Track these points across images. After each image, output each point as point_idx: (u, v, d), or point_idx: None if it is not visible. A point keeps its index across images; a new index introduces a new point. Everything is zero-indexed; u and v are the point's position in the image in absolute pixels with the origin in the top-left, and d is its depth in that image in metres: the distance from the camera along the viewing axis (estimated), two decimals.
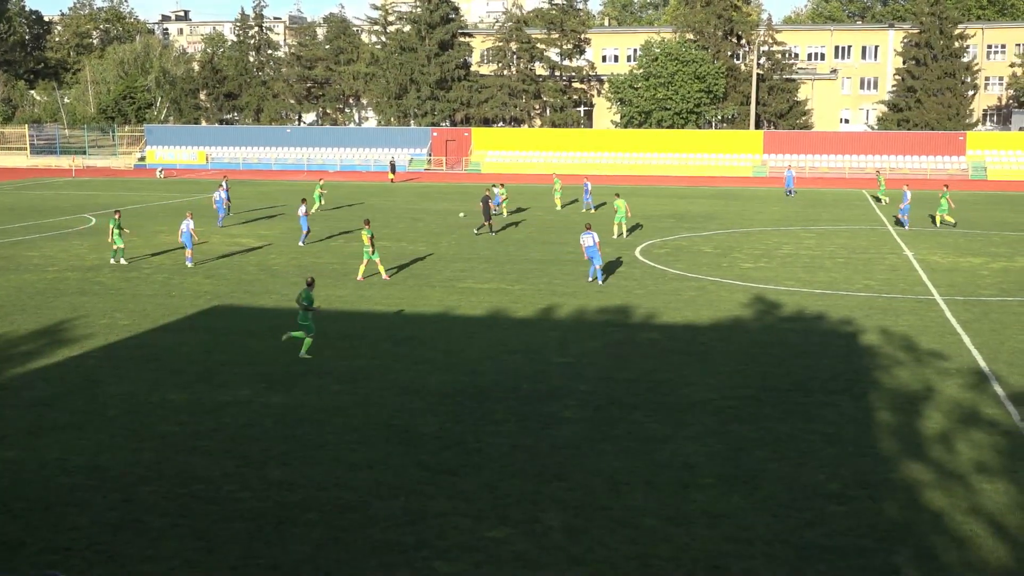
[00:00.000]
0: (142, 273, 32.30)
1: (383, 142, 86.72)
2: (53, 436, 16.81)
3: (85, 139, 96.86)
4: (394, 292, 29.20)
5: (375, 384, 19.82)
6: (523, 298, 28.36)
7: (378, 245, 38.28)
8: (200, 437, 16.77)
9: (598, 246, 30.55)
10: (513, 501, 14.09)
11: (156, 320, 25.56)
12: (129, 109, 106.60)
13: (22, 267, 33.37)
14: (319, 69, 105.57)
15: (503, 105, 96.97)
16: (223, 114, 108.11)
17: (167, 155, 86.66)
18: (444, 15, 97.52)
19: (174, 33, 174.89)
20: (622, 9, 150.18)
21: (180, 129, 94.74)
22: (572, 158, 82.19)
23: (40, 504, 14.02)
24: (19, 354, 22.20)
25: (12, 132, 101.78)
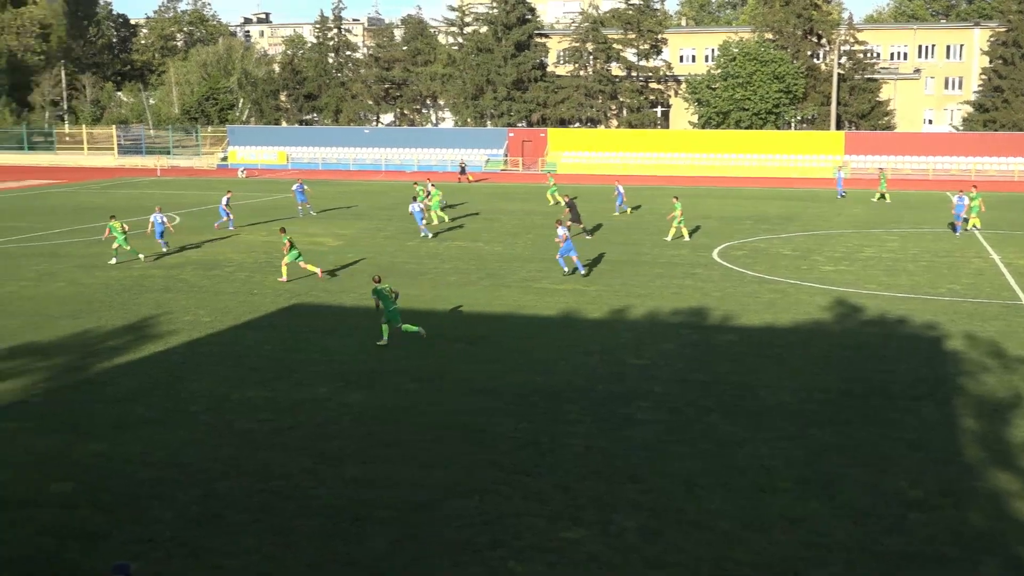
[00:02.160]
0: (224, 271, 32.86)
1: (459, 143, 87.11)
2: (137, 431, 17.19)
3: (170, 139, 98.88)
4: (470, 292, 29.31)
5: (450, 383, 19.91)
6: (598, 299, 28.27)
7: (455, 245, 38.50)
8: (279, 434, 17.01)
9: (569, 240, 31.40)
10: (587, 502, 14.05)
11: (238, 317, 25.99)
12: (212, 110, 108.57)
13: (109, 265, 34.15)
14: (397, 70, 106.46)
15: (579, 106, 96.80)
16: (303, 115, 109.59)
17: (248, 155, 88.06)
18: (521, 16, 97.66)
19: (255, 35, 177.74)
20: (699, 9, 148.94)
21: (261, 130, 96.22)
22: (648, 159, 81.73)
23: (125, 497, 14.34)
24: (105, 349, 22.74)
25: (100, 133, 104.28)
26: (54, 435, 16.93)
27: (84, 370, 21.05)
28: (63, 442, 16.59)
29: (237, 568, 12.24)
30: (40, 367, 21.26)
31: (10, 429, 17.23)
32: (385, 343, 22.87)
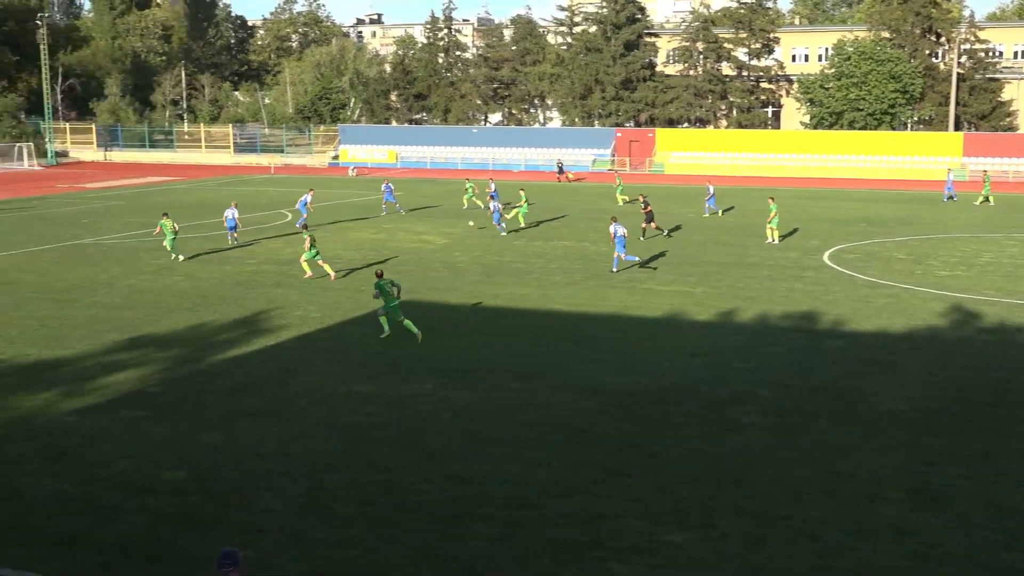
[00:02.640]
0: (334, 268, 33.42)
1: (567, 143, 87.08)
2: (249, 422, 17.63)
3: (283, 138, 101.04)
4: (575, 292, 29.29)
5: (553, 382, 19.93)
6: (705, 301, 27.97)
7: (561, 245, 38.49)
8: (384, 428, 17.25)
9: (624, 237, 32.20)
10: (691, 506, 13.92)
11: (346, 313, 26.44)
12: (324, 109, 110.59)
13: (223, 259, 35.11)
14: (505, 70, 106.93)
15: (688, 106, 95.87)
16: (412, 114, 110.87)
17: (359, 154, 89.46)
18: (630, 15, 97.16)
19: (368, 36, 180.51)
20: (813, 7, 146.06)
21: (372, 129, 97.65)
22: (758, 160, 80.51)
23: (236, 487, 14.72)
24: (219, 342, 23.37)
25: (218, 131, 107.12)
26: (169, 424, 17.47)
27: (198, 362, 21.67)
28: (177, 431, 17.11)
29: (341, 559, 12.46)
30: (157, 358, 21.96)
31: (129, 418, 17.84)
32: (388, 335, 23.34)
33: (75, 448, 16.27)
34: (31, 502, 14.14)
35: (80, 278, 31.57)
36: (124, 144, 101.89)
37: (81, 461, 15.70)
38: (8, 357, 21.96)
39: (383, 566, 12.30)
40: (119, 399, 18.93)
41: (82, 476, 15.08)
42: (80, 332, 24.27)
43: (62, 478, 15.01)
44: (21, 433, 17.02)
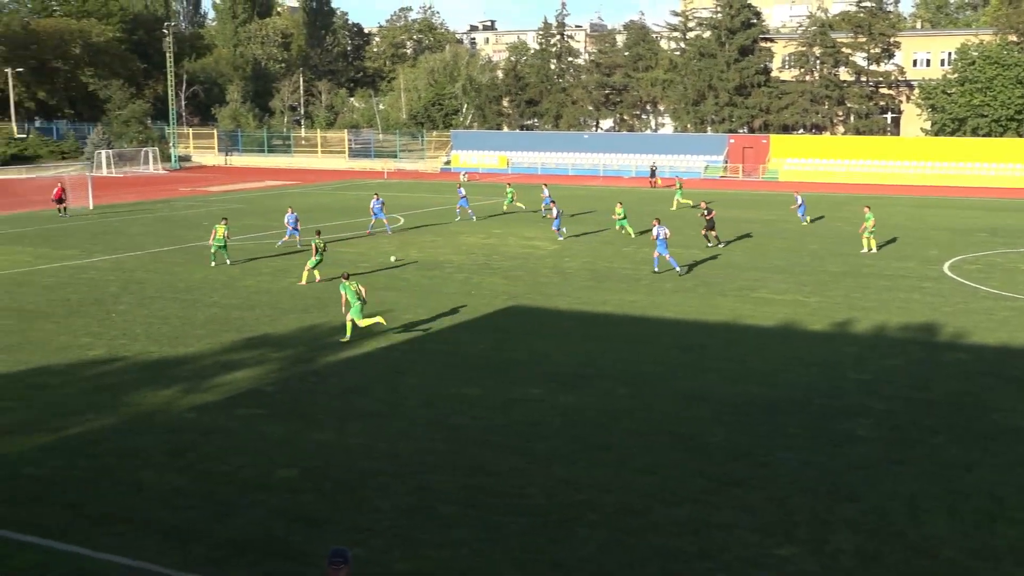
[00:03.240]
0: (444, 272, 33.79)
1: (678, 149, 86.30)
2: (359, 422, 17.91)
3: (397, 143, 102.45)
4: (684, 299, 29.00)
5: (662, 390, 19.76)
6: (819, 311, 27.40)
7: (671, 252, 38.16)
8: (491, 432, 17.33)
9: (666, 239, 32.96)
10: (802, 519, 13.64)
11: (456, 317, 26.66)
12: (437, 115, 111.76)
13: (338, 262, 35.72)
14: (618, 76, 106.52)
15: (804, 111, 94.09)
16: (524, 120, 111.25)
17: (471, 159, 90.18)
18: (745, 20, 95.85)
19: (481, 42, 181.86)
20: (936, 11, 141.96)
21: (483, 134, 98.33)
22: (876, 167, 78.56)
23: (346, 486, 14.96)
24: (332, 343, 23.80)
25: (333, 136, 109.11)
26: (283, 423, 17.86)
27: (312, 362, 22.10)
28: (291, 430, 17.48)
29: (447, 560, 12.55)
30: (273, 358, 22.48)
31: (245, 416, 18.29)
32: (347, 339, 23.63)
33: (194, 444, 16.75)
34: (152, 495, 14.60)
35: (200, 279, 32.51)
36: (244, 149, 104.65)
37: (199, 457, 16.16)
38: (133, 354, 22.74)
39: (489, 569, 12.35)
40: (236, 397, 19.42)
41: (199, 471, 15.52)
42: (200, 331, 24.99)
43: (181, 473, 15.47)
44: (144, 428, 17.60)
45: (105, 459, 16.06)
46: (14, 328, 25.38)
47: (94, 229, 46.20)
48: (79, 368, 21.63)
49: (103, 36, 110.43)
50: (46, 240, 42.19)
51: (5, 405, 18.96)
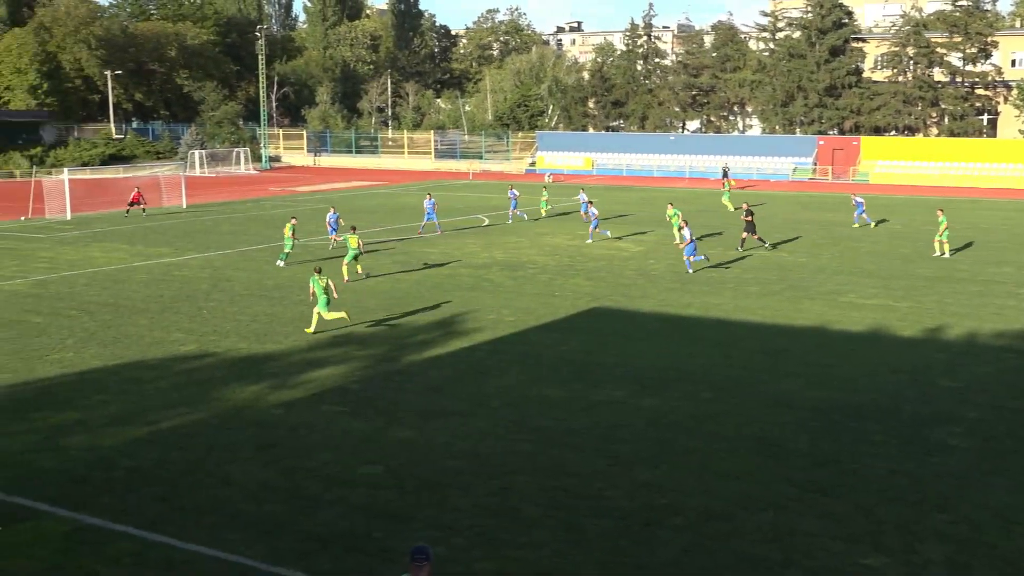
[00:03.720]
0: (528, 273, 33.85)
1: (766, 150, 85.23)
2: (442, 421, 18.04)
3: (482, 144, 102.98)
4: (770, 302, 28.63)
5: (746, 394, 19.54)
6: (909, 316, 26.83)
7: (756, 254, 37.70)
8: (574, 433, 17.32)
9: (693, 240, 33.95)
10: (890, 528, 13.37)
11: (539, 318, 26.70)
12: (523, 116, 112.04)
13: (422, 261, 36.06)
14: (705, 77, 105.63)
15: (896, 113, 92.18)
16: (609, 121, 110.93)
17: (556, 160, 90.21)
18: (837, 20, 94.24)
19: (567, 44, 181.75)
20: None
21: (568, 136, 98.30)
22: (972, 170, 76.59)
23: (428, 483, 15.08)
24: (416, 342, 24.02)
25: (420, 137, 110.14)
26: (367, 420, 18.08)
27: (396, 360, 22.33)
28: (375, 427, 17.68)
29: (529, 560, 12.58)
30: (358, 356, 22.76)
31: (330, 412, 18.56)
32: (312, 330, 24.57)
33: (280, 439, 17.05)
34: (239, 489, 14.90)
35: (287, 277, 33.06)
36: (332, 149, 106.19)
37: (285, 452, 16.44)
38: (222, 350, 23.23)
39: (570, 570, 12.34)
40: (322, 394, 19.72)
41: (285, 466, 15.79)
42: (287, 328, 25.42)
43: (268, 467, 15.76)
44: (233, 423, 17.97)
45: (196, 452, 16.44)
46: (111, 323, 26.12)
47: (186, 228, 47.30)
48: (172, 363, 22.18)
49: (198, 39, 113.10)
50: (142, 238, 43.32)
51: (102, 398, 19.52)
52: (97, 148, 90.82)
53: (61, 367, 21.80)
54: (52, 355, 22.81)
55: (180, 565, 12.51)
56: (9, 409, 18.44)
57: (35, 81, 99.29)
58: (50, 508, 14.15)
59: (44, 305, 28.53)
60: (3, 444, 15.35)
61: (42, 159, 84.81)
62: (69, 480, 15.23)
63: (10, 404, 18.83)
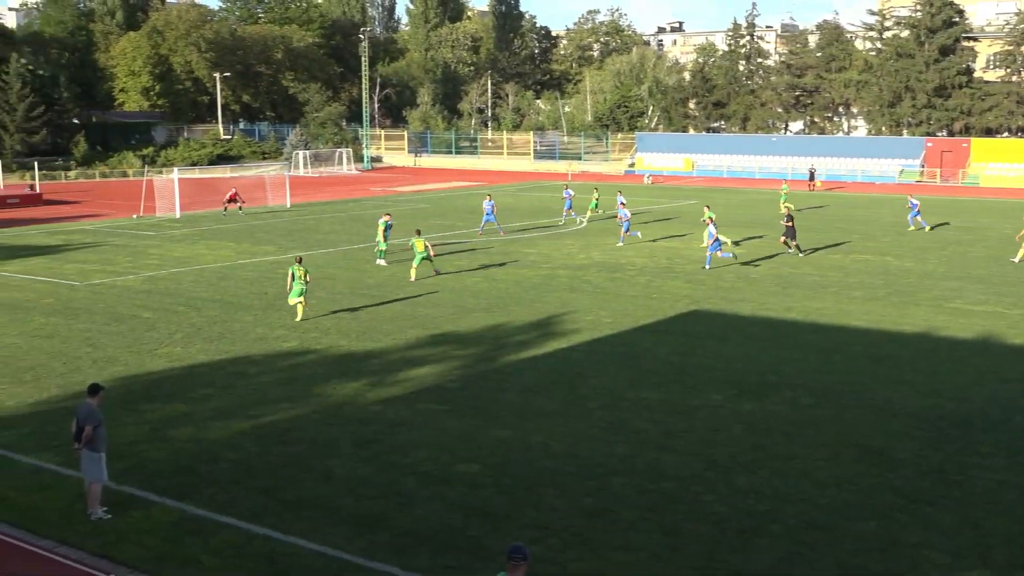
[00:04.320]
0: (626, 274, 33.70)
1: (871, 152, 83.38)
2: (538, 421, 18.07)
3: (581, 145, 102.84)
4: (874, 307, 28.01)
5: (849, 401, 19.15)
6: (1021, 323, 25.96)
7: (861, 258, 36.94)
8: (671, 437, 17.18)
9: (716, 238, 34.78)
10: (998, 542, 12.97)
11: (637, 320, 26.56)
12: (622, 117, 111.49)
13: (520, 262, 36.18)
14: (809, 77, 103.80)
15: (1010, 114, 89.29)
16: (710, 122, 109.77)
17: (655, 161, 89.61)
18: (947, 19, 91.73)
19: (668, 44, 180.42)
20: None
21: (668, 137, 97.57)
22: None
23: (524, 482, 15.13)
24: (514, 343, 24.10)
25: (519, 138, 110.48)
26: (464, 419, 18.21)
27: (494, 360, 22.44)
28: (472, 426, 17.80)
29: (625, 563, 12.52)
30: (456, 355, 22.93)
31: (428, 410, 18.74)
32: (301, 319, 26.20)
33: (379, 436, 17.28)
34: (340, 483, 15.14)
35: (387, 276, 33.47)
36: (432, 150, 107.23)
37: (384, 448, 16.65)
38: (323, 347, 23.63)
39: (666, 574, 12.25)
40: (420, 392, 19.92)
41: (384, 462, 15.99)
42: (387, 327, 25.74)
43: (367, 463, 15.98)
44: (333, 419, 18.27)
45: (297, 447, 16.76)
46: (217, 319, 26.79)
47: (290, 226, 48.24)
48: (274, 359, 22.64)
49: (303, 41, 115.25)
50: (247, 236, 44.33)
51: (208, 392, 20.03)
52: (205, 148, 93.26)
53: (169, 361, 22.44)
54: (161, 349, 23.49)
55: (281, 558, 12.77)
56: (121, 401, 19.04)
57: (148, 83, 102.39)
58: (158, 498, 14.58)
59: (154, 301, 29.39)
60: (115, 435, 15.84)
61: (153, 159, 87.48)
62: (176, 471, 15.67)
63: (122, 396, 19.44)
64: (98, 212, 56.30)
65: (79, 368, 21.81)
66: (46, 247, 41.39)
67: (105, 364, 22.18)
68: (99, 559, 12.73)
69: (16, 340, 24.51)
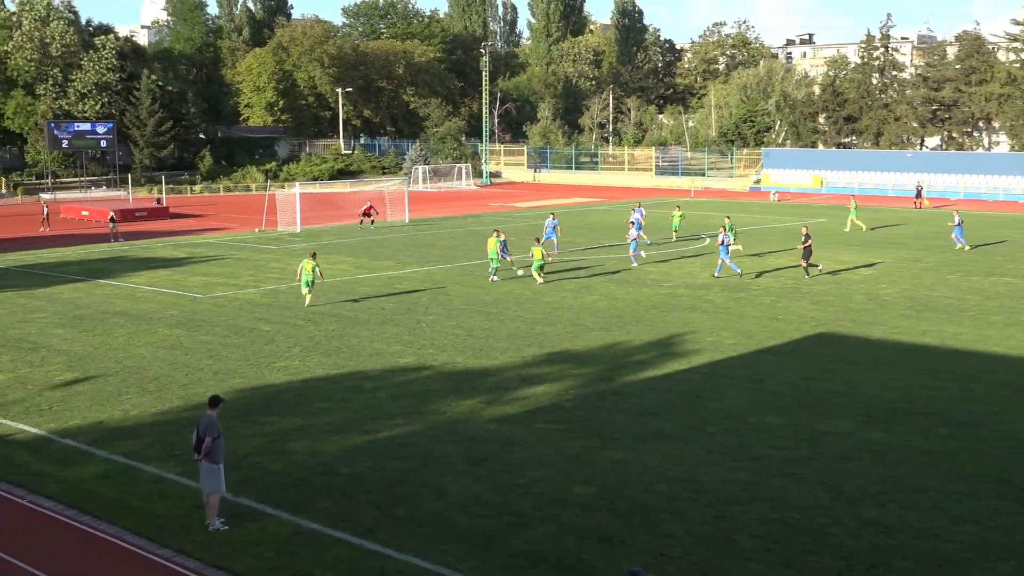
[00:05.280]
0: (749, 294, 33.17)
1: (1013, 169, 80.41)
2: (656, 444, 17.88)
3: (705, 161, 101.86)
4: (1017, 333, 26.94)
5: (988, 432, 18.43)
6: None
7: (1000, 280, 35.61)
8: (795, 464, 16.80)
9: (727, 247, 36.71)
10: None
11: (761, 342, 26.09)
12: (748, 132, 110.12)
13: (640, 281, 35.93)
14: (947, 90, 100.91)
15: None
16: (841, 137, 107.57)
17: (782, 178, 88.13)
18: None
19: (797, 57, 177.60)
20: None
21: (796, 152, 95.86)
22: None
23: (640, 507, 14.97)
24: (632, 363, 23.93)
25: (640, 154, 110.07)
26: (580, 439, 18.13)
27: (611, 380, 22.31)
28: (588, 447, 17.71)
29: None
30: (573, 374, 22.88)
31: (543, 430, 18.72)
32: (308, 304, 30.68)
33: (494, 454, 17.33)
34: (453, 501, 15.23)
35: (505, 292, 33.64)
36: (552, 165, 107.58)
37: (498, 467, 16.69)
38: (439, 363, 23.86)
39: None
40: (535, 411, 19.93)
41: (498, 482, 16.03)
42: (503, 344, 25.85)
43: (480, 481, 16.04)
44: (447, 435, 18.40)
45: (411, 463, 16.93)
46: (335, 333, 27.30)
47: (408, 241, 48.94)
48: (390, 374, 22.95)
49: (425, 56, 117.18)
50: (366, 251, 45.12)
51: (324, 406, 20.41)
52: (327, 163, 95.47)
53: (287, 374, 22.96)
54: (279, 363, 24.05)
55: (393, 575, 12.88)
56: (240, 413, 19.55)
57: (272, 98, 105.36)
58: (273, 511, 14.89)
59: (274, 314, 30.13)
60: (233, 447, 16.27)
61: (276, 173, 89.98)
62: (292, 483, 15.99)
63: (241, 408, 19.96)
64: (222, 225, 58.10)
65: (200, 379, 22.48)
66: (171, 259, 42.86)
67: (225, 376, 22.81)
68: (215, 570, 13.05)
69: (142, 351, 25.40)
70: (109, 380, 22.54)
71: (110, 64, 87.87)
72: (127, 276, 37.91)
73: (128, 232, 53.13)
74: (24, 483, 16.19)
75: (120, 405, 20.60)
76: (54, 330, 28.00)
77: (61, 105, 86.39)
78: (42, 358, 24.70)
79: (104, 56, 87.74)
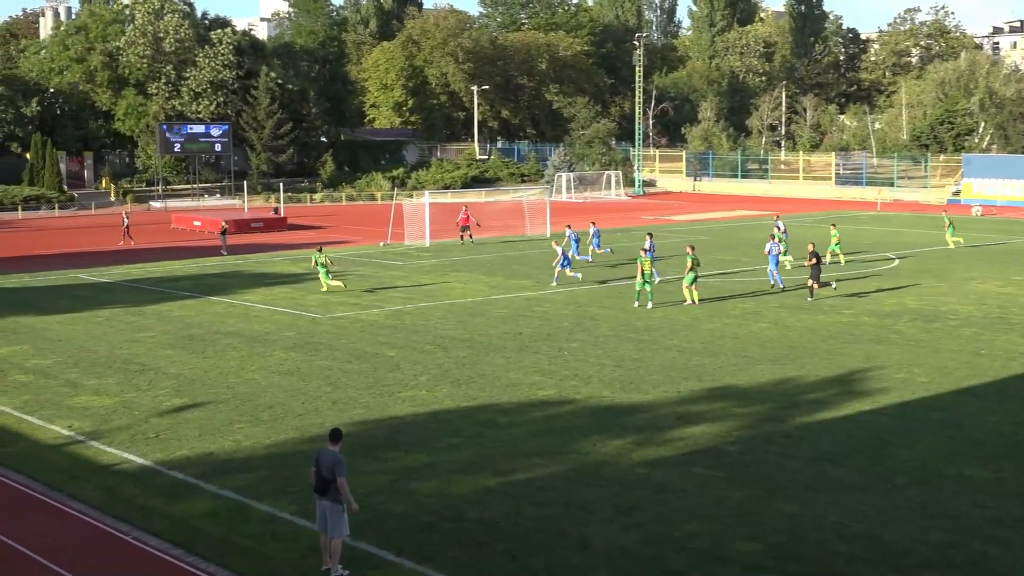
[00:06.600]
0: (947, 325, 32.26)
1: None
2: (833, 496, 17.54)
3: (894, 169, 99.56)
4: None
5: None
6: None
7: None
8: (1001, 525, 16.26)
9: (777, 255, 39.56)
10: None
11: (959, 381, 25.36)
12: (946, 136, 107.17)
13: (816, 308, 35.32)
14: None
15: None
16: None
17: (986, 189, 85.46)
18: None
19: (1005, 47, 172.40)
20: None
21: (1004, 159, 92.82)
22: None
23: (815, 569, 14.70)
24: (806, 401, 23.54)
25: (818, 160, 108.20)
26: (745, 488, 17.91)
27: (781, 421, 21.99)
28: (754, 497, 17.49)
29: None
30: (736, 413, 22.64)
31: (702, 476, 18.57)
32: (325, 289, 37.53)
33: (644, 502, 17.27)
34: (597, 554, 15.23)
35: (660, 318, 33.50)
36: (714, 173, 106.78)
37: (649, 517, 16.63)
38: (583, 397, 23.91)
39: None
40: (693, 454, 19.78)
41: (649, 533, 15.96)
42: (656, 377, 25.75)
43: (629, 532, 16.00)
44: (592, 479, 18.42)
45: (550, 509, 17.00)
46: (466, 360, 27.65)
47: (548, 257, 49.11)
48: (527, 408, 23.11)
49: (570, 50, 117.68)
50: (502, 268, 45.59)
51: (454, 442, 20.67)
52: (460, 169, 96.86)
53: (413, 406, 23.35)
54: (405, 392, 24.48)
55: None
56: (361, 448, 19.94)
57: (400, 98, 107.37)
58: (396, 558, 15.14)
59: (399, 338, 30.69)
60: (353, 485, 16.56)
61: (403, 181, 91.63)
62: (416, 528, 16.24)
63: (362, 442, 20.37)
64: (344, 238, 59.52)
65: (317, 409, 23.06)
66: (289, 275, 44.14)
67: (345, 406, 23.34)
68: None
69: (255, 376, 26.21)
70: (220, 407, 23.33)
71: (226, 60, 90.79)
72: (241, 293, 39.20)
73: (240, 245, 54.79)
74: (131, 518, 16.86)
75: (231, 435, 21.29)
76: (163, 351, 29.14)
77: (174, 105, 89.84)
78: (149, 381, 25.72)
79: (220, 52, 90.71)
